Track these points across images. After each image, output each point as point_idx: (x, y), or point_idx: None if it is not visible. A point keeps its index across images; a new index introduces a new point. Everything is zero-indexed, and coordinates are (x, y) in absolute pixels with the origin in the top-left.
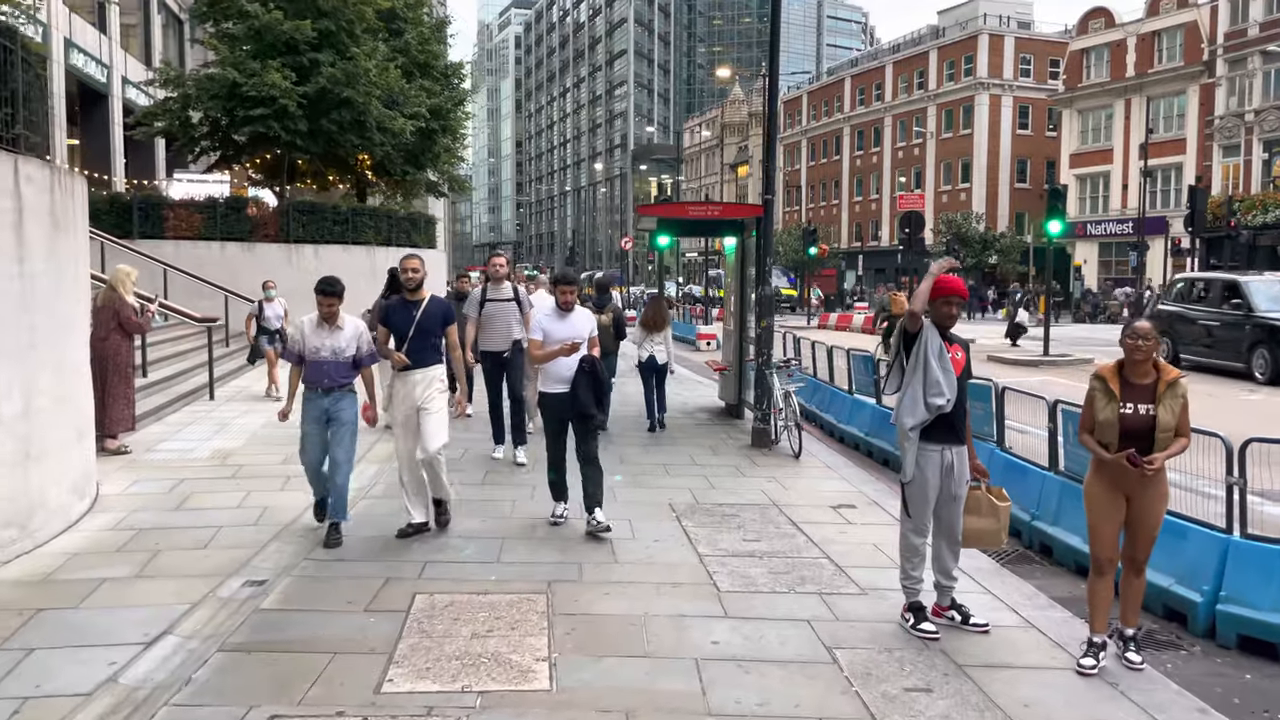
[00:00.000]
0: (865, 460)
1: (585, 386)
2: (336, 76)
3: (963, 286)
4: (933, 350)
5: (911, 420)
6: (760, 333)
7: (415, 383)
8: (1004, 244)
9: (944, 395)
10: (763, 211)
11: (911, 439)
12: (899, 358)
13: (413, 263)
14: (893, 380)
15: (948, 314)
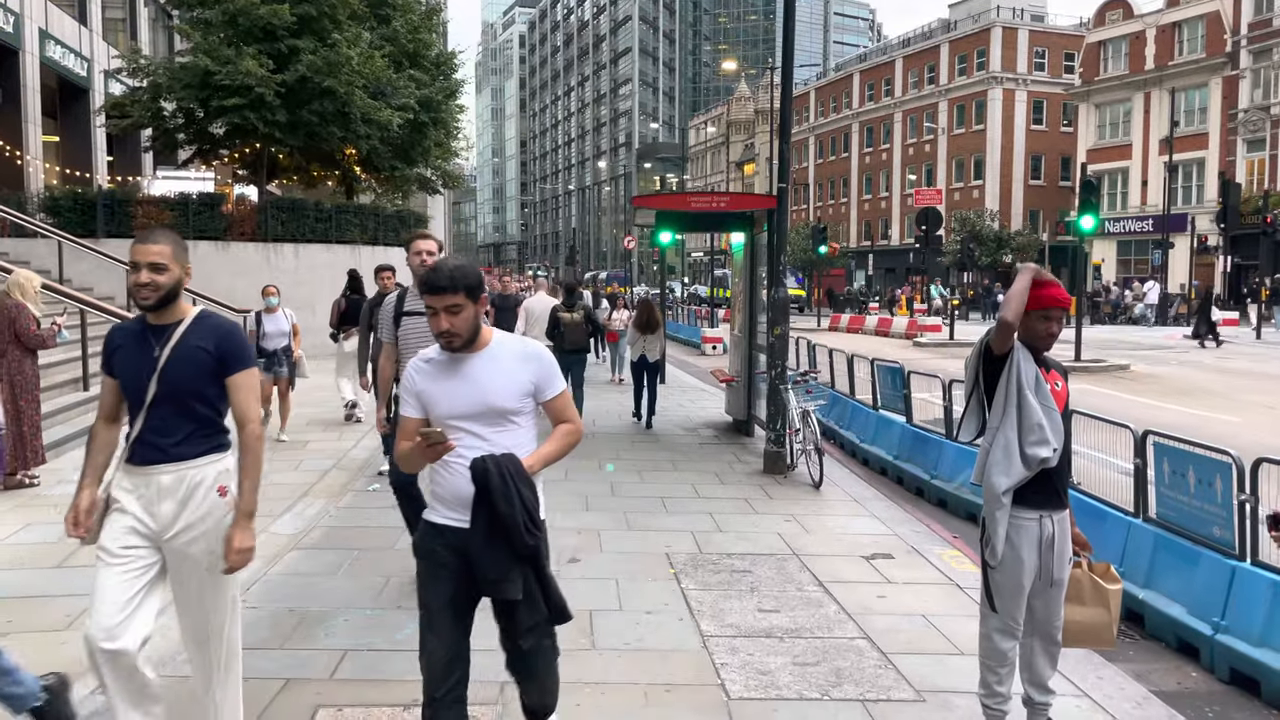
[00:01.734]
0: (894, 489)
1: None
2: (317, 65)
3: (1067, 295)
4: (1027, 381)
5: (1006, 480)
6: (774, 341)
7: None
8: (1019, 242)
9: (1048, 443)
10: (775, 203)
11: (1004, 505)
12: (977, 389)
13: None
14: (971, 421)
15: (1046, 332)
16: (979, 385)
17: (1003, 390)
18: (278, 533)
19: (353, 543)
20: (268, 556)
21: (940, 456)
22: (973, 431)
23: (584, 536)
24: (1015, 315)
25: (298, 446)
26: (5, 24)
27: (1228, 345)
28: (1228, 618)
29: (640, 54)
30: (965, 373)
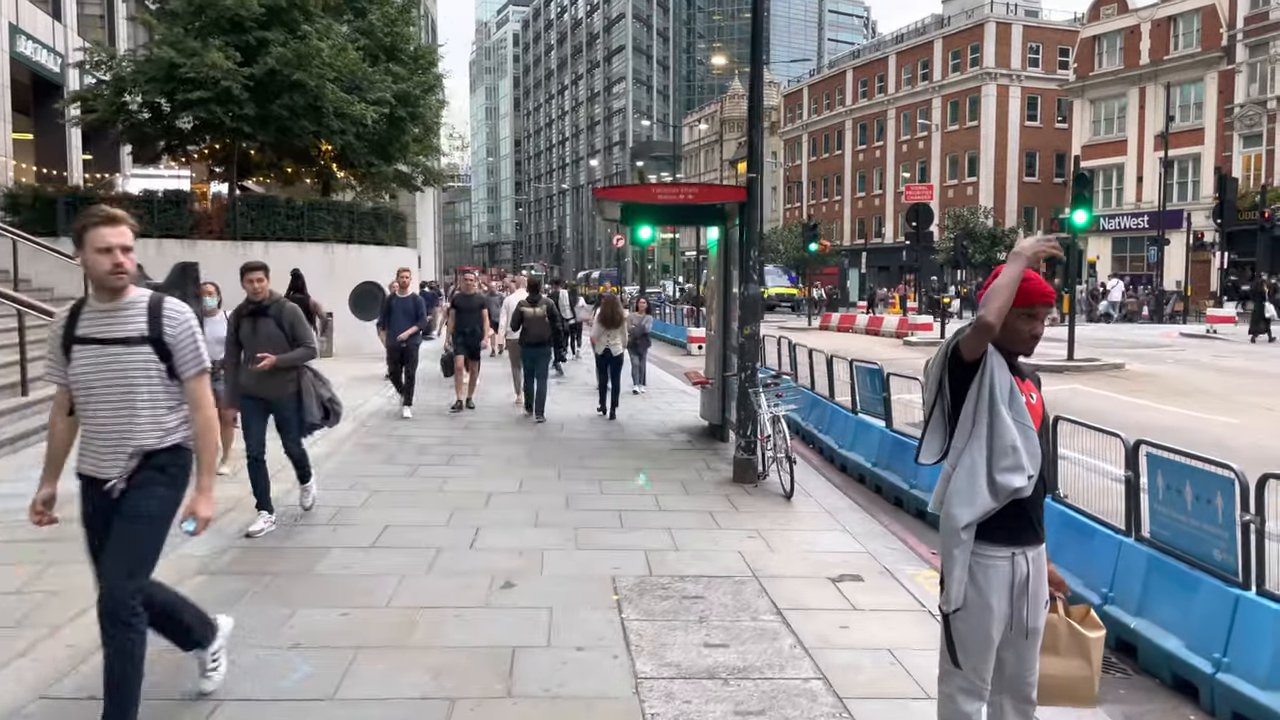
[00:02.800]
0: (872, 498)
1: None
2: (286, 57)
3: (1052, 289)
4: (1001, 393)
5: (968, 513)
6: (743, 342)
7: None
8: (1013, 239)
9: (1022, 469)
10: (745, 195)
11: (964, 543)
12: (940, 400)
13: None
14: (933, 440)
15: (1029, 334)
16: (943, 396)
17: (971, 403)
18: (186, 555)
19: (269, 566)
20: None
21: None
22: (935, 453)
23: (525, 558)
24: (999, 314)
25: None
26: None
27: (1224, 344)
28: (1230, 654)
29: (634, 52)
30: (925, 381)
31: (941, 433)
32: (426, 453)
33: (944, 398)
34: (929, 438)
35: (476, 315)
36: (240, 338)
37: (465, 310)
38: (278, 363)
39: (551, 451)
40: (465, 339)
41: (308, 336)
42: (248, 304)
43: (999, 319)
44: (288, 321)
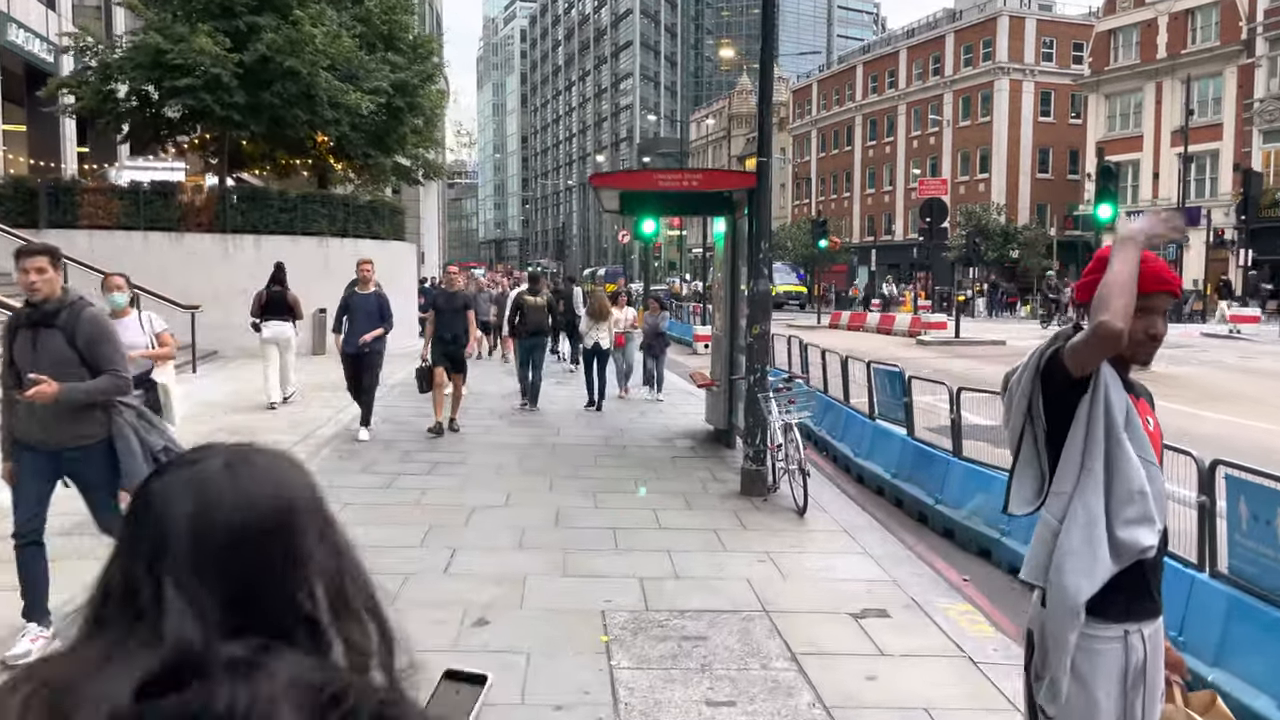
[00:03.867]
0: (892, 513)
1: None
2: (278, 44)
3: (1176, 276)
4: (1118, 417)
5: (1087, 584)
6: (752, 342)
7: None
8: (1027, 237)
9: (1152, 521)
10: (756, 182)
11: (1078, 622)
12: (1030, 428)
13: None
14: (1026, 482)
15: (1146, 334)
16: (1035, 424)
17: (1080, 433)
18: None
19: None
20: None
21: (947, 477)
22: (1029, 499)
23: (505, 586)
24: (1126, 315)
25: None
26: None
27: (1248, 344)
28: None
29: (641, 48)
30: (1008, 404)
31: (1036, 473)
32: (410, 459)
33: (1037, 426)
34: (1020, 480)
35: (460, 317)
36: (14, 358)
37: (446, 311)
38: (58, 396)
39: (544, 459)
40: (446, 346)
41: (114, 359)
42: (25, 309)
43: (1128, 321)
44: (84, 337)
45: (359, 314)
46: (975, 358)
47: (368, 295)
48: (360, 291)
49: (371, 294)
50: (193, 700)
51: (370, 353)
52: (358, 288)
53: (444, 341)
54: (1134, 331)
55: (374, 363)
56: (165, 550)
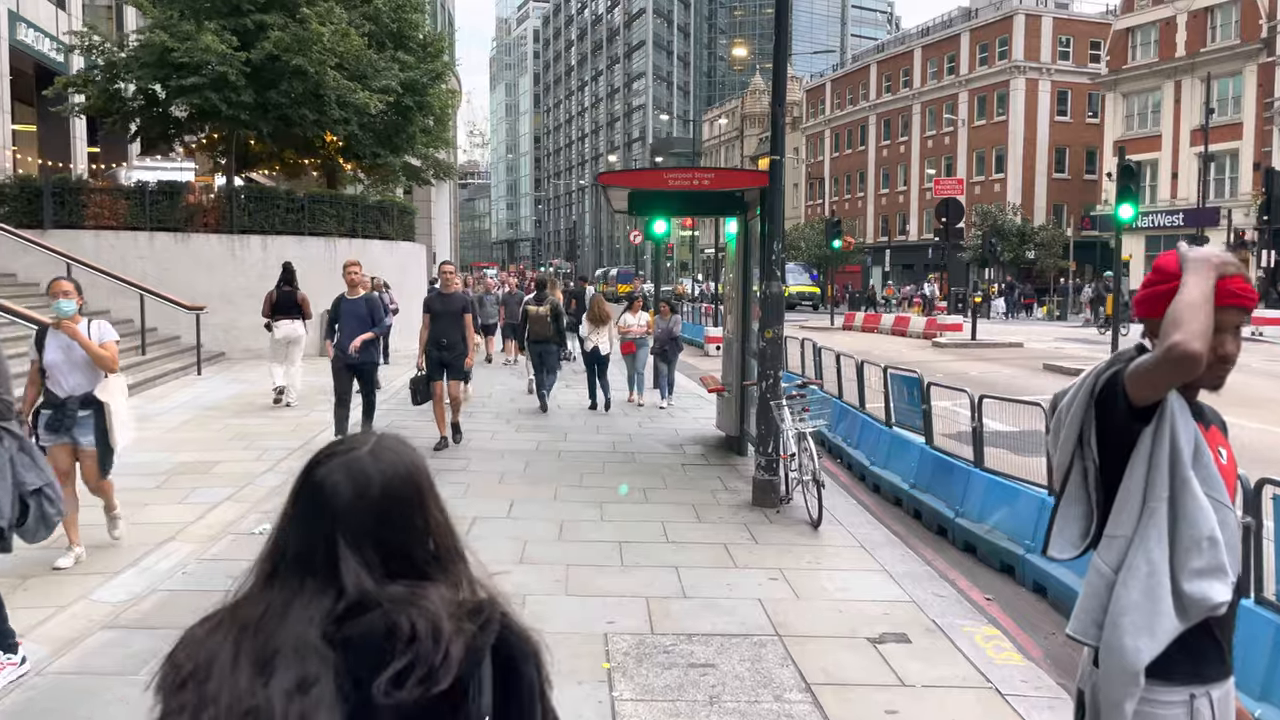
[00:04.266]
0: (911, 525)
1: None
2: (285, 42)
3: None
4: (1186, 450)
5: (1149, 645)
6: (764, 346)
7: None
8: (1043, 237)
9: (1224, 572)
10: (768, 180)
11: (1136, 689)
12: (1080, 459)
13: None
14: (1071, 521)
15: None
16: (1086, 456)
17: (1140, 469)
18: (99, 601)
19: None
20: (63, 641)
21: (968, 489)
22: (1075, 542)
23: None
24: (1205, 337)
25: (201, 471)
26: None
27: (1271, 347)
28: None
29: (654, 48)
30: (1054, 431)
31: (1084, 512)
32: None
33: (1088, 459)
34: (1065, 519)
35: (457, 322)
36: None
37: (442, 315)
38: None
39: (550, 467)
40: (441, 354)
41: None
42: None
43: (1206, 343)
44: None
45: (349, 320)
46: (993, 360)
47: (356, 300)
48: (349, 296)
49: (360, 299)
50: (378, 623)
51: (365, 363)
52: (346, 293)
53: (439, 348)
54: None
55: (371, 374)
56: (335, 521)
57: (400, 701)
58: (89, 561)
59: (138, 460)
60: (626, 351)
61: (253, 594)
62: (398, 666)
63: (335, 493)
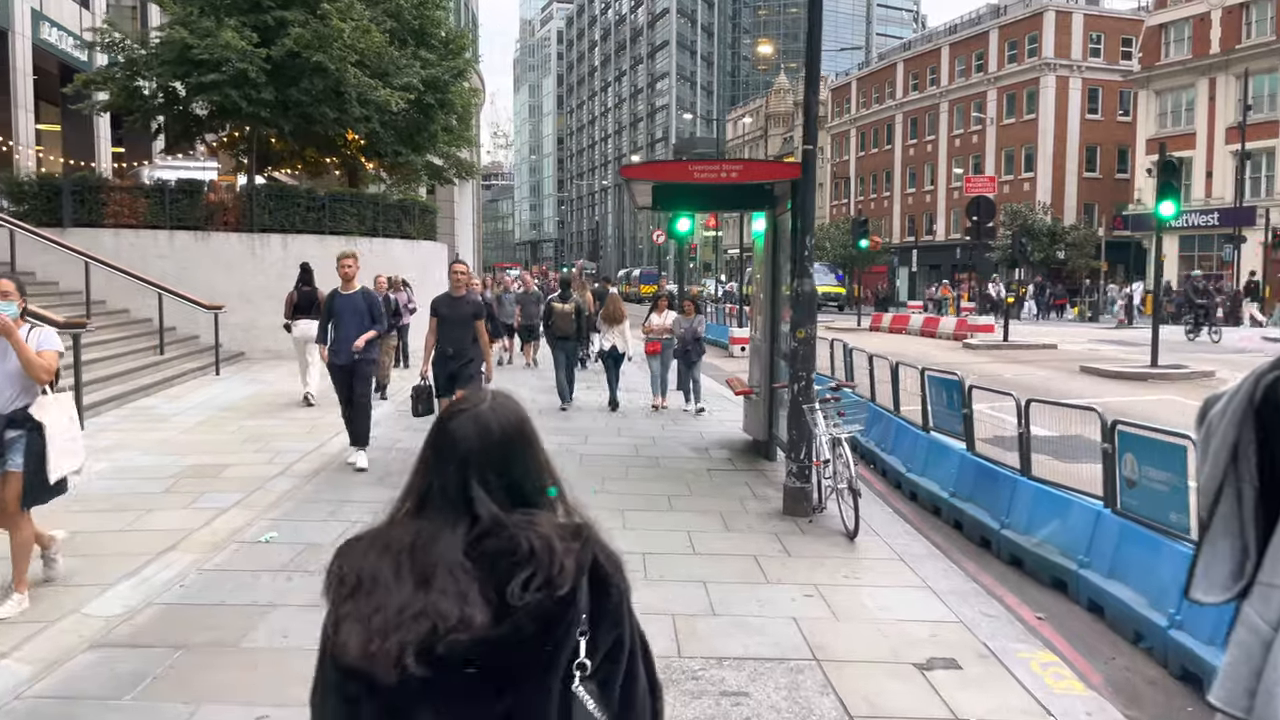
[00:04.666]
0: (951, 535)
1: None
2: (305, 38)
3: None
4: None
5: None
6: (796, 347)
7: None
8: (1075, 237)
9: None
10: (800, 173)
11: None
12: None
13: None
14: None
15: None
16: (1241, 478)
17: None
18: (91, 615)
19: (187, 634)
20: (46, 662)
21: (1014, 499)
22: (1224, 581)
23: None
24: None
25: (211, 475)
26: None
27: None
28: None
29: (678, 48)
30: (1204, 444)
31: (1237, 547)
32: None
33: (1244, 480)
34: (1211, 554)
35: (466, 328)
36: None
37: (451, 320)
38: None
39: (569, 471)
40: (449, 364)
41: None
42: None
43: None
44: None
45: (346, 317)
46: (1027, 362)
47: (352, 295)
48: (344, 292)
49: (357, 293)
50: (505, 542)
51: (362, 361)
52: (340, 288)
53: (446, 358)
54: None
55: (366, 372)
56: (465, 462)
57: (528, 603)
58: (84, 571)
59: (146, 464)
60: (651, 352)
61: (404, 522)
62: (524, 576)
63: (465, 439)
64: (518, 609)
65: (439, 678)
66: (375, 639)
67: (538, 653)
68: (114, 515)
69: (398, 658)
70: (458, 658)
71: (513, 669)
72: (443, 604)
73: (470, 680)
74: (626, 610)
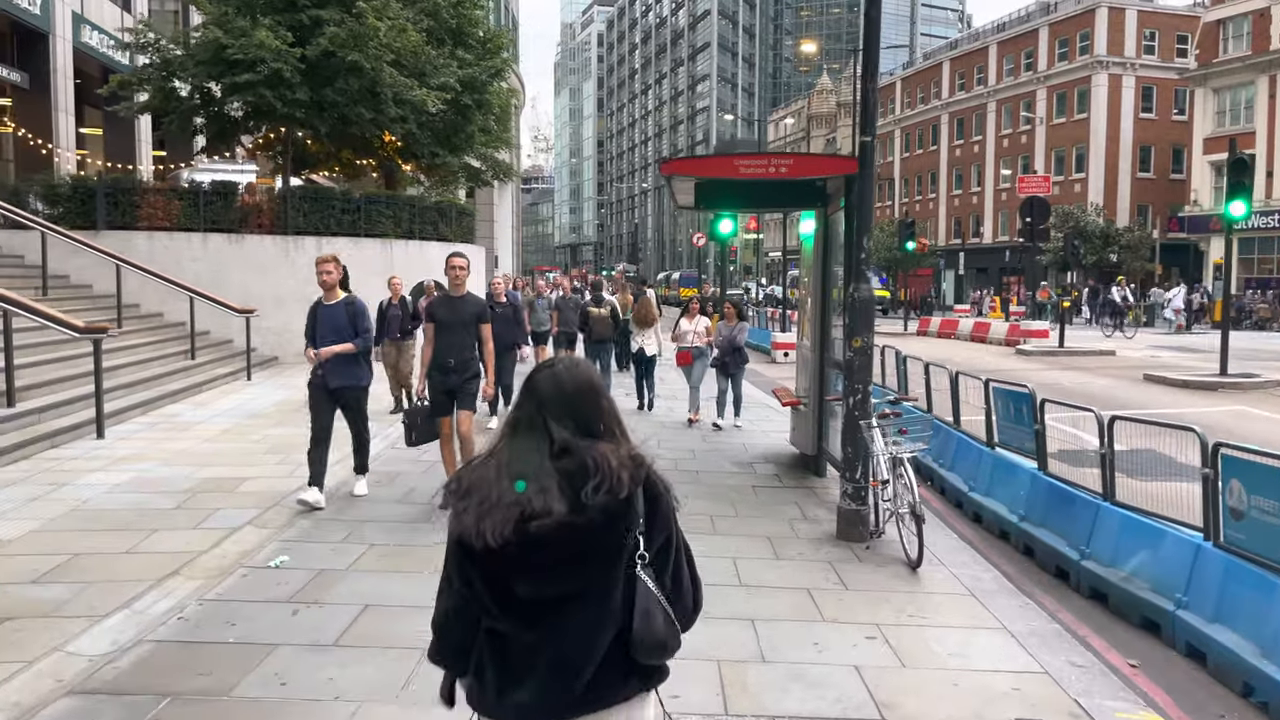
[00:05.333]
0: (1022, 564)
1: None
2: (340, 37)
3: None
4: None
5: None
6: (851, 357)
7: None
8: (1129, 239)
9: None
10: (856, 167)
11: None
12: None
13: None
14: None
15: None
16: None
17: None
18: (75, 654)
19: (176, 680)
20: (22, 707)
21: (1096, 526)
22: None
23: None
24: None
25: (227, 489)
26: (31, 4)
27: None
28: None
29: (719, 50)
30: None
31: None
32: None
33: None
34: None
35: (468, 335)
36: None
37: (450, 325)
38: None
39: None
40: (445, 378)
41: None
42: None
43: None
44: None
45: (326, 333)
46: (1085, 370)
47: (334, 306)
48: (326, 302)
49: (339, 303)
50: (575, 460)
51: (347, 387)
52: (323, 297)
53: (447, 371)
54: None
55: (353, 402)
56: (544, 405)
57: (596, 502)
58: (76, 601)
59: (163, 475)
60: (682, 363)
61: (503, 443)
62: (594, 483)
63: (544, 389)
64: (589, 505)
65: (531, 554)
66: (484, 519)
67: (605, 540)
68: (120, 535)
69: (499, 533)
70: (545, 538)
71: (586, 551)
72: (531, 496)
73: (554, 558)
74: (674, 519)
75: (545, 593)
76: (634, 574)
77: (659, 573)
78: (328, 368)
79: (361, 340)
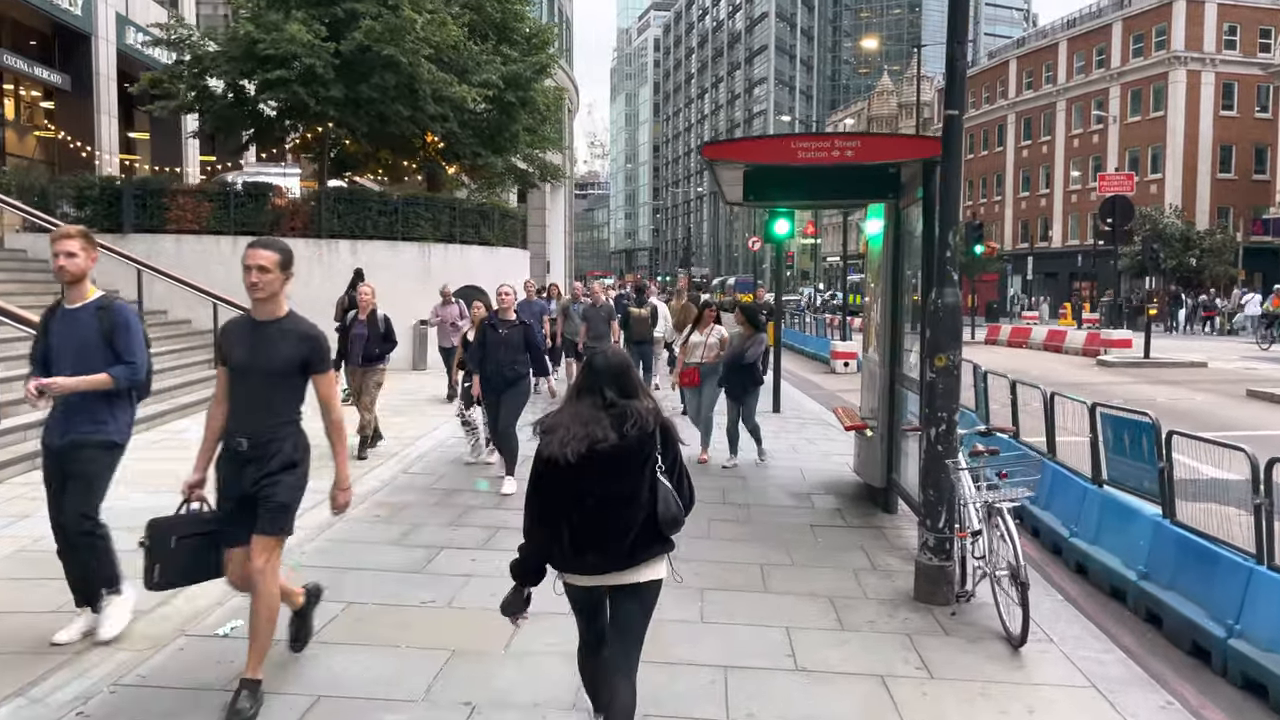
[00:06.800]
0: (1146, 636)
1: None
2: (376, 31)
3: None
4: None
5: None
6: (934, 379)
7: None
8: (1212, 243)
9: None
10: (940, 149)
11: None
12: None
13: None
14: None
15: None
16: None
17: None
18: None
19: None
20: None
21: (1249, 596)
22: None
23: None
24: None
25: None
26: (73, 5)
27: None
28: None
29: (776, 52)
30: None
31: None
32: (465, 521)
33: None
34: None
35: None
36: None
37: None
38: None
39: None
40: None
41: None
42: None
43: None
44: None
45: (62, 350)
46: (1176, 383)
47: (78, 311)
48: (68, 305)
49: (87, 306)
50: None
51: (74, 445)
52: (65, 297)
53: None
54: None
55: (87, 468)
56: (598, 378)
57: (633, 434)
58: None
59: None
60: (686, 383)
61: (570, 402)
62: (631, 423)
63: (596, 365)
64: (629, 435)
65: (595, 464)
66: (567, 445)
67: (638, 456)
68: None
69: (575, 450)
70: (603, 455)
71: (629, 463)
72: (595, 430)
73: (609, 468)
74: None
75: (603, 490)
76: (656, 478)
77: (671, 476)
78: (57, 412)
79: (124, 371)
